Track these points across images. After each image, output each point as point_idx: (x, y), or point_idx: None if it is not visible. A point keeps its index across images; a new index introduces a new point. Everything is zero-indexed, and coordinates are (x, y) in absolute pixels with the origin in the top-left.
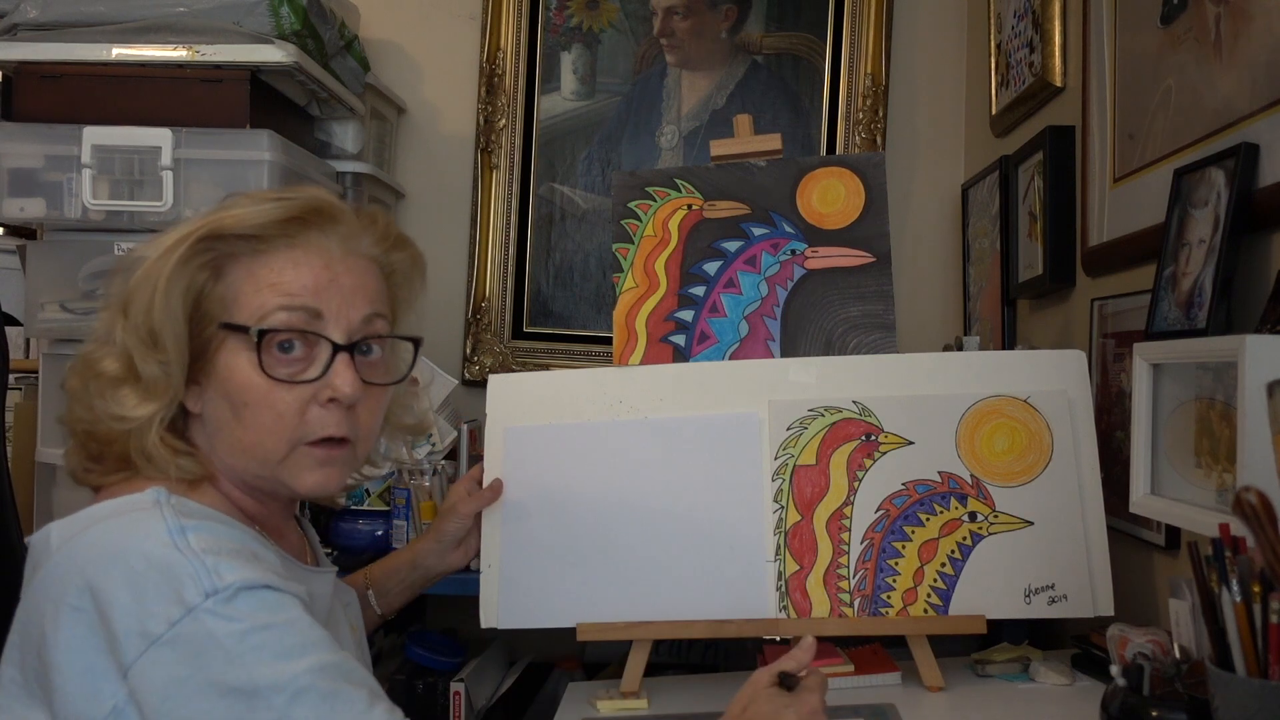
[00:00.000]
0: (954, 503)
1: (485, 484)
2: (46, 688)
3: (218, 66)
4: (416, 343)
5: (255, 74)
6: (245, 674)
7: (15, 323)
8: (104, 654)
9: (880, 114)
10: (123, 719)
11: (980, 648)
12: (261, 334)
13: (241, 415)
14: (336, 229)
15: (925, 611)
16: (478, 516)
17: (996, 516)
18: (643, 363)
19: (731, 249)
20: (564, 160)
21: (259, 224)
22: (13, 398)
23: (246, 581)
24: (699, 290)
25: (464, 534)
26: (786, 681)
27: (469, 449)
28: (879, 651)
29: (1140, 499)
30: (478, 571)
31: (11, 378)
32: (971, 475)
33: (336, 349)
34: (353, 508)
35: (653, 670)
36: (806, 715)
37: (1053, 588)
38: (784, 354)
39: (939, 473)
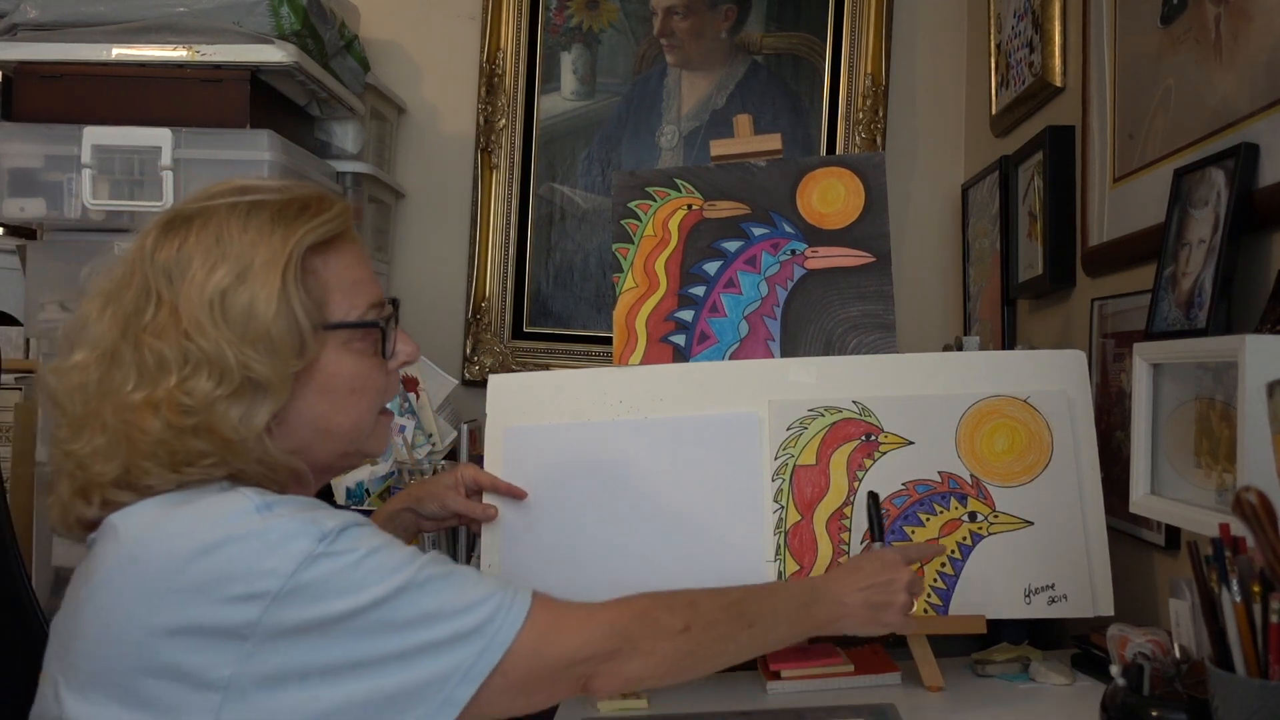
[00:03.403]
0: (954, 503)
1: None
2: (141, 692)
3: (218, 66)
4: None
5: (255, 74)
6: (369, 593)
7: (16, 322)
8: (215, 625)
9: (880, 114)
10: (238, 686)
11: (980, 648)
12: (386, 325)
13: (347, 402)
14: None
15: (925, 611)
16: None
17: (996, 516)
18: (643, 363)
19: (731, 249)
20: (564, 160)
21: (331, 230)
22: (12, 398)
23: (345, 522)
24: (699, 290)
25: (438, 517)
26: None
27: (469, 449)
28: (879, 651)
29: (1140, 499)
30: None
31: (11, 378)
32: (971, 475)
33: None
34: (353, 507)
35: None
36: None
37: (1053, 588)
38: (784, 354)
39: (939, 473)
